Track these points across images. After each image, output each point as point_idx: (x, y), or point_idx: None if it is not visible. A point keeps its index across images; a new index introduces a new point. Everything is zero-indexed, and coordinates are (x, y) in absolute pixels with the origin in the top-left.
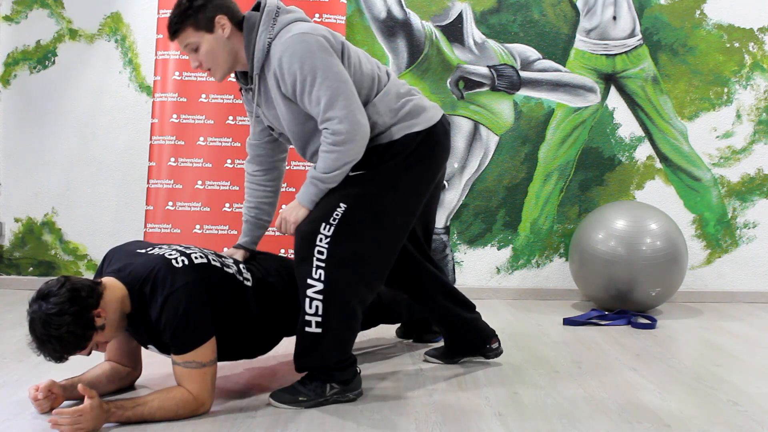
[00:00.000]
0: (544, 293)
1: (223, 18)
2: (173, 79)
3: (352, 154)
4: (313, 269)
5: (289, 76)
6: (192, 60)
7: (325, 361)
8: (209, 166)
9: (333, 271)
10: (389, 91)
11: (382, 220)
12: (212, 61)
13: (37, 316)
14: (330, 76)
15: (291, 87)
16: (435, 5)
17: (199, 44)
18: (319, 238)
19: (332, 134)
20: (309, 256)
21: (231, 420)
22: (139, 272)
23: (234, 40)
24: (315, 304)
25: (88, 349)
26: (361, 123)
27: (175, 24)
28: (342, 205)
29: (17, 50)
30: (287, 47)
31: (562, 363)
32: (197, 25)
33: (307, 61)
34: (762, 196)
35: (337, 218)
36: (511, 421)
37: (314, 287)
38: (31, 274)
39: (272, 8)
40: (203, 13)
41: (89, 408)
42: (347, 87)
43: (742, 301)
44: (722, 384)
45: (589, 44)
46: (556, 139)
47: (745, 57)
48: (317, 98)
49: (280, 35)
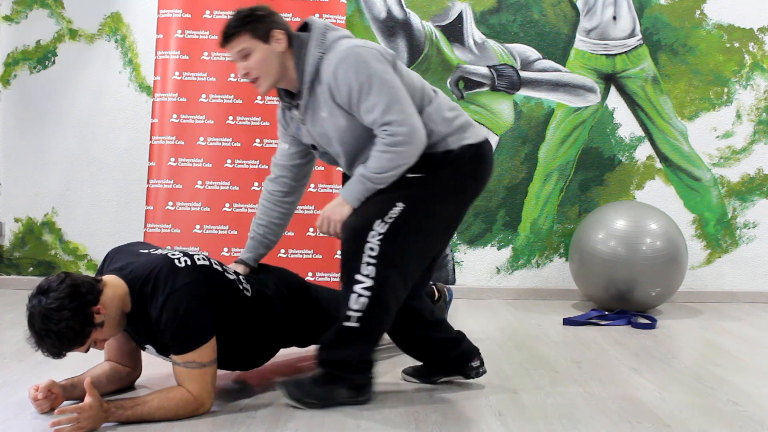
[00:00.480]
0: (544, 293)
1: (280, 33)
2: (173, 79)
3: (407, 156)
4: (362, 265)
5: (345, 85)
6: (240, 68)
7: (350, 358)
8: (209, 166)
9: (383, 268)
10: (441, 103)
11: (433, 225)
12: (262, 71)
13: (36, 310)
14: (385, 83)
15: (347, 96)
16: (435, 5)
17: (251, 52)
18: (372, 235)
19: (390, 135)
20: (359, 252)
21: (231, 420)
22: (141, 270)
23: (285, 56)
24: (362, 300)
25: (87, 345)
26: (418, 127)
27: (233, 28)
28: (400, 204)
29: (17, 50)
30: (341, 59)
31: (562, 363)
32: (255, 33)
33: (362, 70)
34: (762, 196)
35: (393, 217)
36: (511, 421)
37: (363, 283)
38: (31, 274)
39: (321, 26)
40: (262, 24)
41: (89, 407)
42: (402, 93)
43: (742, 301)
44: (722, 384)
45: (589, 44)
46: (556, 139)
47: (745, 57)
48: (373, 104)
49: (331, 49)
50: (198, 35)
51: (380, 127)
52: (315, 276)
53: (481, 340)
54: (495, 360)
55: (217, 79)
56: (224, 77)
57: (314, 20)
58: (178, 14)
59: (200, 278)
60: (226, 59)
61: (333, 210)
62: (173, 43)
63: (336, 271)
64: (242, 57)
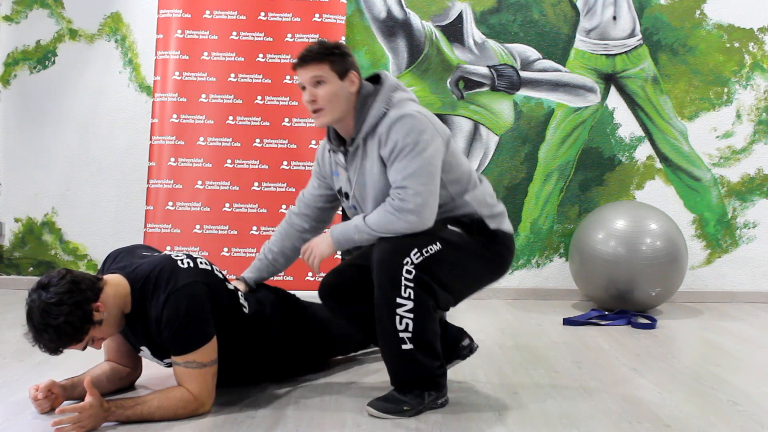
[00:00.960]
0: (544, 293)
1: (355, 75)
2: (173, 79)
3: (405, 226)
4: (402, 289)
5: (392, 141)
6: (307, 94)
7: (428, 370)
8: (209, 166)
9: (420, 290)
10: (485, 190)
11: (460, 273)
12: (329, 104)
13: (35, 305)
14: (425, 156)
15: (389, 151)
16: (435, 5)
17: (325, 82)
18: (407, 261)
19: (401, 200)
20: (397, 278)
21: (231, 420)
22: (143, 269)
23: (352, 99)
24: (405, 322)
25: (84, 342)
26: (431, 207)
27: (315, 54)
28: (438, 245)
29: (17, 50)
30: (401, 117)
31: (562, 363)
32: (334, 66)
33: (412, 135)
34: (762, 196)
35: (430, 252)
36: (511, 421)
37: (405, 306)
38: (31, 274)
39: (393, 85)
40: (344, 61)
41: (89, 406)
42: (436, 171)
43: (742, 301)
44: (722, 384)
45: (589, 44)
46: (556, 139)
47: (745, 57)
48: (404, 167)
49: (395, 107)
50: (198, 35)
51: (396, 189)
52: (315, 277)
53: (481, 340)
54: (495, 360)
55: (217, 79)
56: (224, 77)
57: (387, 76)
58: (178, 14)
59: (202, 280)
60: (225, 59)
61: (318, 244)
62: (173, 43)
63: None
64: (314, 83)
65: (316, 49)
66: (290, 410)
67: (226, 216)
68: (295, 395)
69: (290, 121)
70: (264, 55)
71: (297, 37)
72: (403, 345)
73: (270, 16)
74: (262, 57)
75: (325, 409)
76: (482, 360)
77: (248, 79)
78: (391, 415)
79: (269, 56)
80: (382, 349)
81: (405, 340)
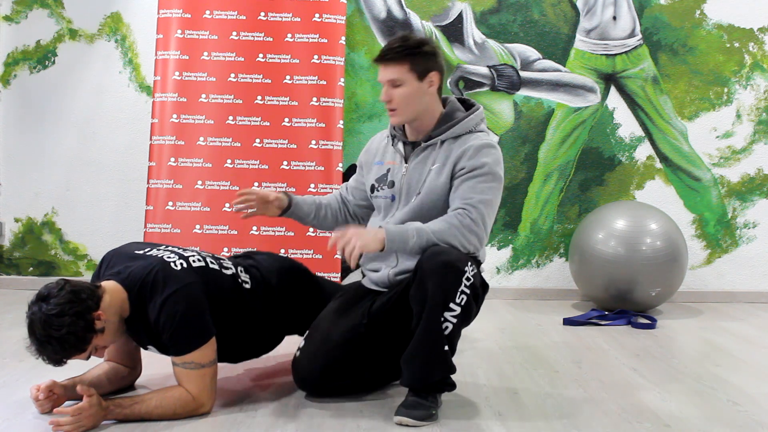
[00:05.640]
0: (544, 293)
1: (436, 75)
2: (173, 79)
3: (463, 244)
4: (458, 294)
5: (480, 161)
6: (385, 92)
7: (452, 372)
8: (209, 166)
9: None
10: None
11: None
12: (404, 105)
13: (37, 317)
14: (498, 192)
15: (472, 167)
16: (435, 5)
17: (403, 84)
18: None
19: (471, 219)
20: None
21: (231, 420)
22: (137, 274)
23: (432, 99)
24: (447, 325)
25: (88, 352)
26: (487, 233)
27: (395, 52)
28: (477, 268)
29: (17, 50)
30: (486, 144)
31: (562, 363)
32: (413, 66)
33: (491, 165)
34: (762, 196)
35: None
36: (511, 421)
37: (454, 311)
38: (31, 274)
39: (482, 114)
40: (425, 59)
41: (88, 406)
42: (496, 207)
43: (742, 301)
44: (722, 384)
45: (589, 44)
46: (556, 139)
47: (745, 57)
48: (482, 190)
49: (479, 131)
50: (198, 35)
51: (469, 206)
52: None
53: (481, 340)
54: (495, 360)
55: (217, 79)
56: (224, 77)
57: (479, 106)
58: (178, 14)
59: (196, 280)
60: (225, 59)
61: (362, 236)
62: (173, 43)
63: (335, 270)
64: (392, 85)
65: (397, 47)
66: (290, 411)
67: (226, 216)
68: (296, 396)
69: (290, 121)
70: (264, 55)
71: (297, 37)
72: (444, 347)
73: (270, 16)
74: (262, 57)
75: (325, 409)
76: (482, 360)
77: (248, 79)
78: (425, 422)
79: (269, 56)
80: (415, 350)
81: (445, 342)
